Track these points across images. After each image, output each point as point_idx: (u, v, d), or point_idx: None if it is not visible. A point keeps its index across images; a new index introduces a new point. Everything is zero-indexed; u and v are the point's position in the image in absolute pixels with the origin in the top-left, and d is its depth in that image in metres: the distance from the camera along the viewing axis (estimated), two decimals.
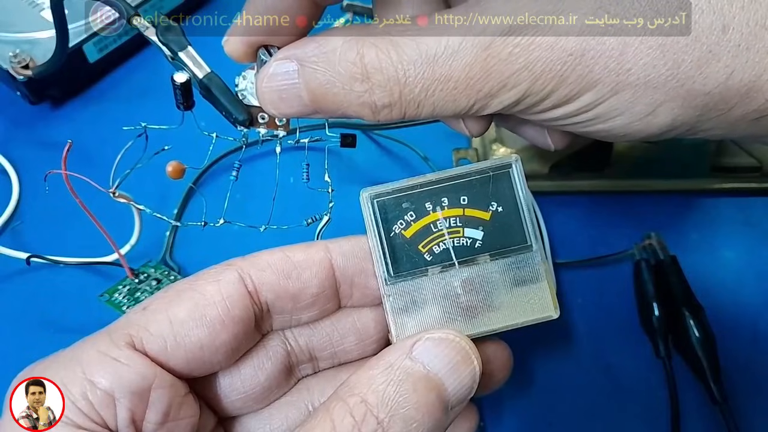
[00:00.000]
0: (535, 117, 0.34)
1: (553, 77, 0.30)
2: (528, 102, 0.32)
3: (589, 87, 0.31)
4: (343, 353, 0.38)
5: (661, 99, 0.30)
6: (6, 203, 0.57)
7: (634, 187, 0.57)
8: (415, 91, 0.32)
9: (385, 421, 0.29)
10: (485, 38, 0.30)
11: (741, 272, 0.54)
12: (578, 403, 0.49)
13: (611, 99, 0.31)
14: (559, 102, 0.32)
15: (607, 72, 0.30)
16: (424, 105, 0.32)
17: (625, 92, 0.30)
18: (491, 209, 0.36)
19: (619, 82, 0.30)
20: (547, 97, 0.31)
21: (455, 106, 0.32)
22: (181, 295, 0.34)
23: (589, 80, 0.30)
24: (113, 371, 0.31)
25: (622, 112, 0.31)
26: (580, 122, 0.33)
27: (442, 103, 0.32)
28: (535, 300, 0.36)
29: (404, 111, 0.33)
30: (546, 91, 0.31)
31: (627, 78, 0.30)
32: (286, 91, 0.33)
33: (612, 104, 0.31)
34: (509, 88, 0.31)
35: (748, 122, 0.31)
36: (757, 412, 0.48)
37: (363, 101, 0.33)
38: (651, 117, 0.31)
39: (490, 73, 0.31)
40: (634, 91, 0.30)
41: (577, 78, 0.30)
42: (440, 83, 0.31)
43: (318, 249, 0.36)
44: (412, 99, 0.32)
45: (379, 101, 0.32)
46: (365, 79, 0.32)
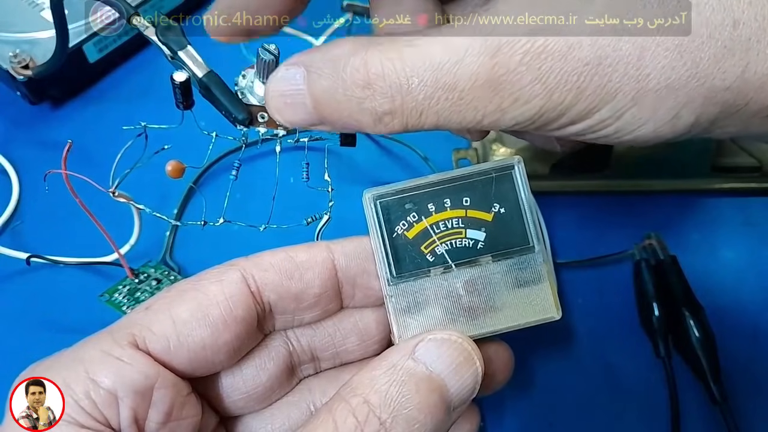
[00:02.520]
0: (555, 134, 0.32)
1: (570, 89, 0.29)
2: (544, 119, 0.31)
3: (609, 98, 0.29)
4: (345, 353, 0.38)
5: (684, 100, 0.29)
6: (6, 203, 0.57)
7: (634, 187, 0.57)
8: (418, 99, 0.31)
9: (388, 422, 0.29)
10: (491, 43, 0.29)
11: (741, 272, 0.54)
12: (578, 403, 0.49)
13: (633, 109, 0.30)
14: (578, 117, 0.30)
15: (627, 79, 0.29)
16: (427, 114, 0.31)
17: (647, 99, 0.29)
18: (493, 210, 0.36)
19: (640, 89, 0.29)
20: (564, 113, 0.30)
21: (461, 118, 0.31)
22: (184, 295, 0.34)
23: (608, 90, 0.29)
24: (116, 370, 0.31)
25: (645, 121, 0.30)
26: (604, 136, 0.31)
27: (446, 114, 0.31)
28: (537, 301, 0.36)
29: (406, 120, 0.32)
30: (564, 106, 0.30)
31: (647, 84, 0.29)
32: (291, 97, 0.33)
33: (634, 114, 0.30)
34: (522, 103, 0.30)
35: (761, 119, 0.30)
36: (757, 412, 0.48)
37: (364, 108, 0.31)
38: (675, 120, 0.30)
39: (499, 83, 0.30)
40: (656, 96, 0.29)
41: (596, 89, 0.29)
42: (445, 92, 0.30)
43: (321, 249, 0.36)
44: (415, 107, 0.31)
45: (380, 108, 0.31)
46: (367, 86, 0.31)
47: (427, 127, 0.32)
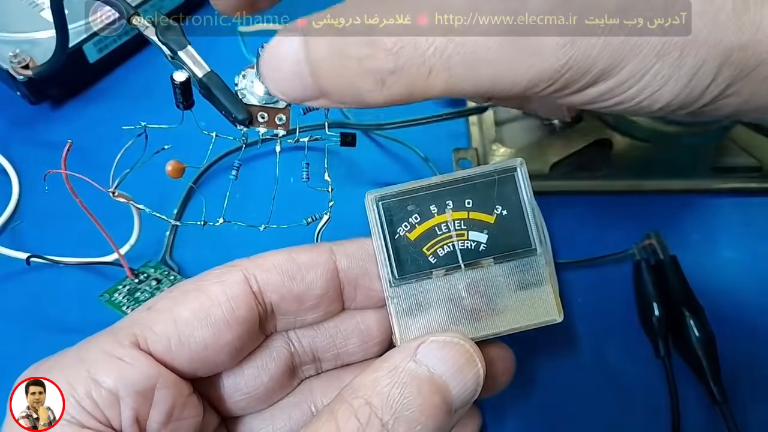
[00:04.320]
0: (570, 99, 0.30)
1: (596, 43, 0.27)
2: (567, 78, 0.28)
3: (635, 53, 0.28)
4: (346, 355, 0.38)
5: (704, 57, 0.28)
6: (6, 203, 0.57)
7: (634, 187, 0.57)
8: (427, 53, 0.27)
9: (390, 424, 0.29)
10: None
11: (741, 272, 0.54)
12: (578, 403, 0.49)
13: (656, 65, 0.28)
14: (602, 75, 0.28)
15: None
16: (437, 73, 0.28)
17: (670, 55, 0.28)
18: (496, 212, 0.36)
19: (666, 42, 0.28)
20: (588, 70, 0.28)
21: (476, 78, 0.28)
22: (186, 295, 0.34)
23: (633, 44, 0.28)
24: (118, 371, 0.31)
25: (666, 81, 0.29)
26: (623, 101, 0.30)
27: (459, 71, 0.28)
28: (539, 303, 0.36)
29: (413, 81, 0.28)
30: (590, 60, 0.28)
31: (672, 38, 0.28)
32: (287, 64, 0.29)
33: (657, 72, 0.28)
34: (546, 58, 0.27)
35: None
36: (757, 412, 0.48)
37: (365, 68, 0.28)
38: (695, 81, 0.29)
39: (521, 33, 0.27)
40: (679, 52, 0.28)
41: (622, 42, 0.27)
42: (457, 45, 0.27)
43: (323, 250, 0.36)
44: (423, 63, 0.27)
45: (384, 65, 0.28)
46: (369, 43, 0.28)
47: (435, 91, 0.29)
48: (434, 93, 0.29)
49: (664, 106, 0.30)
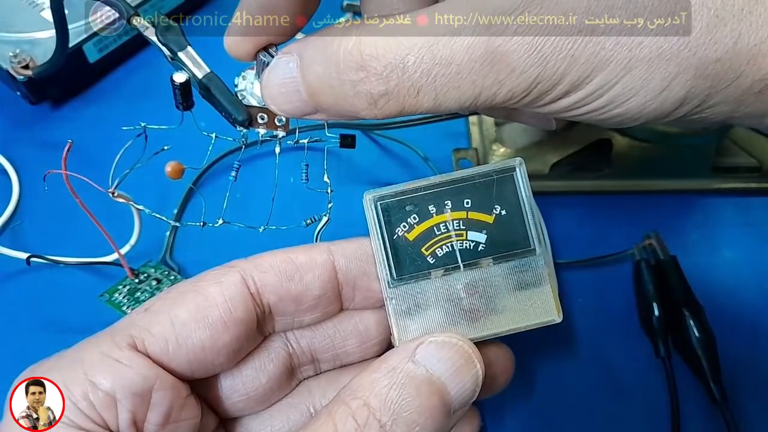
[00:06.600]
0: (546, 108, 0.32)
1: (564, 58, 0.29)
2: (539, 90, 0.30)
3: (602, 66, 0.29)
4: (344, 355, 0.38)
5: (675, 71, 0.29)
6: (6, 203, 0.57)
7: (634, 187, 0.57)
8: (414, 77, 0.30)
9: (388, 425, 0.29)
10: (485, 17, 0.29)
11: (741, 272, 0.54)
12: (578, 404, 0.49)
13: (624, 78, 0.29)
14: (572, 87, 0.30)
15: (619, 47, 0.29)
16: (424, 93, 0.30)
17: (639, 68, 0.29)
18: (495, 212, 0.36)
19: (632, 57, 0.29)
20: (558, 83, 0.30)
21: (459, 94, 0.30)
22: (184, 297, 0.34)
23: (601, 58, 0.29)
24: (115, 372, 0.31)
25: (637, 92, 0.30)
26: (594, 110, 0.31)
27: (444, 91, 0.30)
28: (538, 304, 0.36)
29: (403, 101, 0.31)
30: (558, 74, 0.29)
31: (640, 52, 0.29)
32: (285, 86, 0.32)
33: (626, 84, 0.30)
34: (518, 74, 0.29)
35: (753, 95, 0.30)
36: (757, 412, 0.48)
37: (358, 91, 0.31)
38: (666, 93, 0.30)
39: (495, 55, 0.29)
40: (648, 65, 0.29)
41: (589, 56, 0.29)
42: (441, 67, 0.29)
43: (321, 251, 0.36)
44: (411, 86, 0.30)
45: (375, 90, 0.30)
46: (361, 68, 0.30)
47: (424, 107, 0.31)
48: (423, 110, 0.31)
49: (637, 116, 0.31)
